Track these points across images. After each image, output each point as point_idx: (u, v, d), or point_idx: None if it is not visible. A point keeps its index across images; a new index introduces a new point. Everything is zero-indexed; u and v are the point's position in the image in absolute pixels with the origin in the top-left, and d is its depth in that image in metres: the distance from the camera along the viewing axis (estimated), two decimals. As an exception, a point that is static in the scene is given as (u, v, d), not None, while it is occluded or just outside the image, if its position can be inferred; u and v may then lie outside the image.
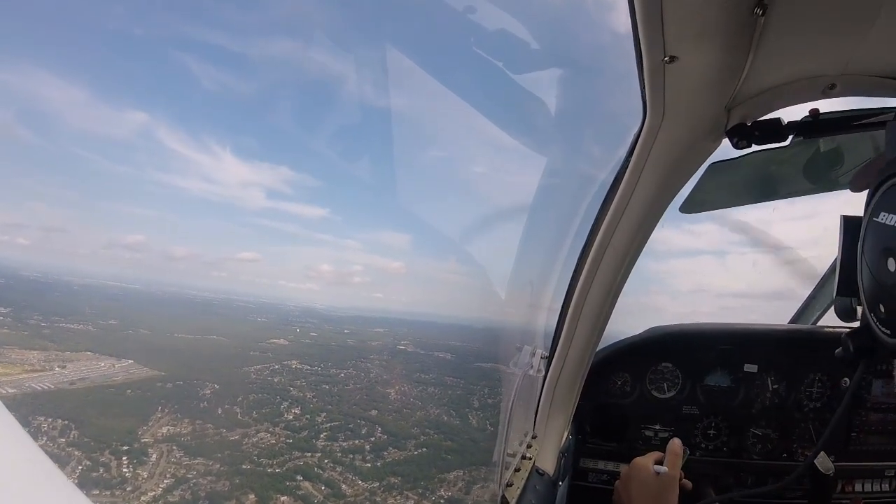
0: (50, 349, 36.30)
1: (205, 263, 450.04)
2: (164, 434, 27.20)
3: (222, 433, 28.09)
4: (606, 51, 1.52)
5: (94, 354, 36.98)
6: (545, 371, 2.12)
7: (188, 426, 28.25)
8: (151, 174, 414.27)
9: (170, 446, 26.12)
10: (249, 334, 50.09)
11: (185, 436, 27.41)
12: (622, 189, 1.55)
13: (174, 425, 28.13)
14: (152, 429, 27.43)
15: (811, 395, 2.38)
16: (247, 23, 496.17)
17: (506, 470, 1.80)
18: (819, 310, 3.07)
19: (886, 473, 2.33)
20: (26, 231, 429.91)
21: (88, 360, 35.81)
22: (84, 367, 34.42)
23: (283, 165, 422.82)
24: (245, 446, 27.14)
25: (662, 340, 2.50)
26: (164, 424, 28.00)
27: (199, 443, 26.88)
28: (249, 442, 27.62)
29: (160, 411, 29.24)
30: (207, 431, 28.09)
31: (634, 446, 2.40)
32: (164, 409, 29.50)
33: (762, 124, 1.25)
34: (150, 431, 27.12)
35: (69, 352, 36.69)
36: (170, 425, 28.05)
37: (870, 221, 0.85)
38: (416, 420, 31.54)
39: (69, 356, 35.84)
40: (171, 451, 25.77)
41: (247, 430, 28.60)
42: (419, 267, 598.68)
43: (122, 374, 34.09)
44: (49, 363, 34.18)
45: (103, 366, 35.33)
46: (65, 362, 34.66)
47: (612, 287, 1.82)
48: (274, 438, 28.18)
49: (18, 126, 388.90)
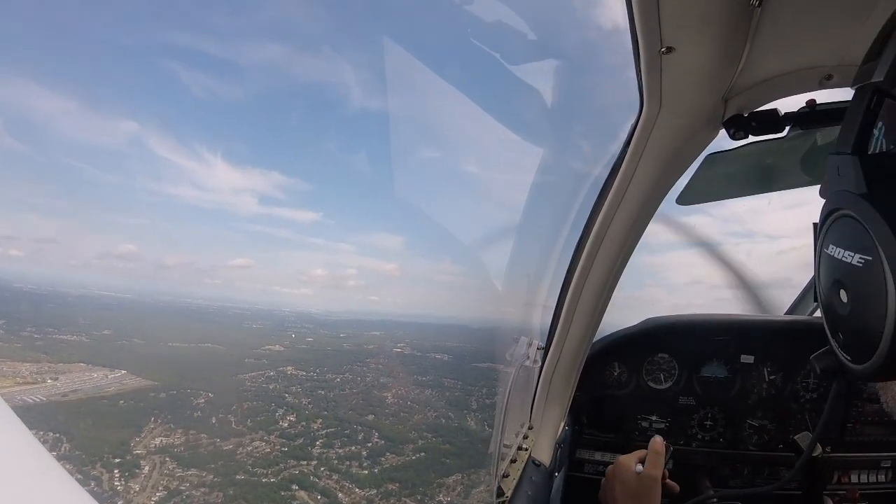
0: (42, 361, 35.87)
1: (198, 271, 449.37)
2: (157, 445, 26.81)
3: (216, 443, 27.73)
4: (603, 42, 1.51)
5: (88, 366, 36.59)
6: (541, 362, 2.12)
7: (181, 436, 27.87)
8: (143, 182, 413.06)
9: (163, 457, 25.75)
10: (244, 341, 49.83)
11: (178, 446, 27.03)
12: (618, 180, 1.54)
13: (167, 436, 27.75)
14: (145, 440, 27.04)
15: (807, 386, 2.38)
16: (235, 28, 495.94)
17: (502, 461, 1.78)
18: (814, 301, 2.96)
19: (883, 464, 2.33)
20: (18, 243, 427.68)
21: (81, 372, 35.38)
22: (77, 379, 34.00)
23: (274, 170, 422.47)
24: (239, 456, 26.76)
25: (658, 331, 2.49)
26: (157, 435, 27.62)
27: (192, 453, 26.50)
28: (244, 451, 27.23)
29: (153, 422, 28.86)
30: (201, 441, 27.71)
31: (631, 437, 2.41)
32: (158, 420, 29.13)
33: (759, 115, 1.24)
34: (142, 443, 26.73)
35: (62, 363, 36.20)
36: (163, 436, 27.67)
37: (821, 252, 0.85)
38: (414, 424, 31.23)
39: (62, 368, 35.36)
40: (163, 463, 25.38)
41: (241, 439, 28.23)
42: (414, 268, 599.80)
43: (115, 385, 33.67)
44: (41, 375, 33.76)
45: (96, 377, 34.94)
46: (57, 374, 34.17)
47: (608, 278, 1.82)
48: (269, 447, 27.83)
49: (7, 136, 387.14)
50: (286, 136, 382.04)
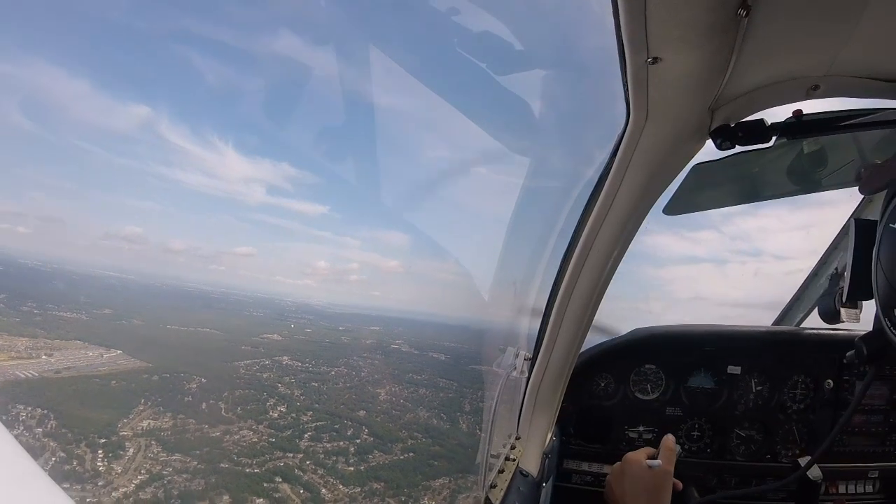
0: (39, 337, 35.83)
1: (203, 257, 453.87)
2: (144, 428, 26.53)
3: (204, 429, 27.44)
4: (590, 52, 1.53)
5: (84, 343, 36.55)
6: (528, 372, 2.13)
7: (170, 421, 27.61)
8: (153, 167, 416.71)
9: (148, 440, 25.42)
10: (244, 328, 49.90)
11: (165, 430, 26.75)
12: (606, 190, 1.53)
13: (155, 419, 27.51)
14: (133, 422, 26.79)
15: (795, 397, 2.39)
16: (251, 18, 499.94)
17: (489, 471, 1.79)
18: (802, 311, 3.09)
19: (870, 475, 2.35)
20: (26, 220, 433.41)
21: (77, 350, 35.38)
22: (72, 356, 33.95)
23: (284, 161, 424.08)
24: (226, 444, 26.42)
25: (646, 342, 2.50)
26: (146, 418, 27.37)
27: (178, 438, 26.17)
28: (231, 439, 26.88)
29: (143, 404, 28.62)
30: (189, 427, 27.43)
31: (618, 448, 2.39)
32: (147, 402, 28.91)
33: (746, 125, 1.24)
34: (129, 425, 26.48)
35: (58, 340, 36.25)
36: (151, 419, 27.42)
37: (886, 228, 0.86)
38: (405, 423, 30.88)
39: (58, 344, 35.40)
40: (148, 446, 25.05)
41: (229, 427, 27.90)
42: (415, 266, 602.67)
43: (108, 365, 33.57)
44: (36, 351, 33.73)
45: (91, 355, 34.90)
46: (52, 350, 34.25)
47: (595, 288, 1.80)
48: (256, 437, 27.47)
49: (19, 116, 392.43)
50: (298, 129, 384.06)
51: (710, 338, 2.46)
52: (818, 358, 2.37)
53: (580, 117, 2.20)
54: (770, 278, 50.33)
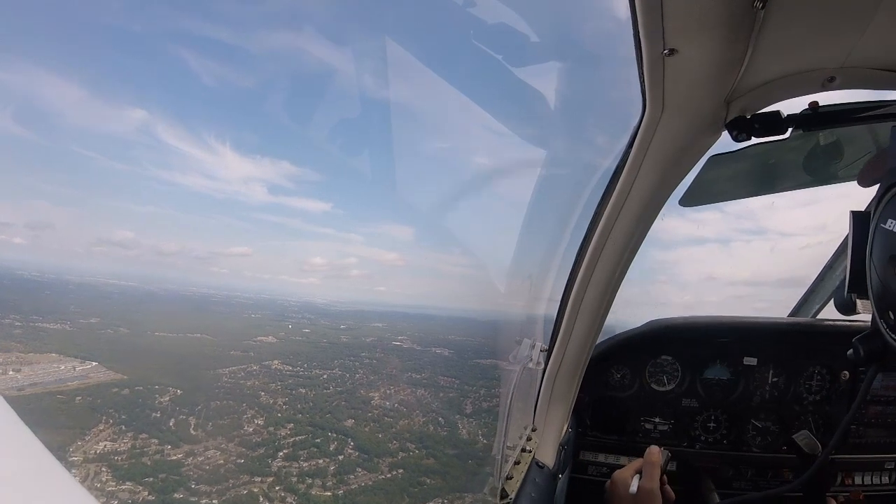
0: (13, 351, 34.11)
1: (205, 260, 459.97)
2: (99, 451, 23.85)
3: (165, 451, 24.62)
4: (606, 44, 1.50)
5: (59, 356, 34.53)
6: (545, 364, 2.10)
7: (129, 442, 24.87)
8: (152, 171, 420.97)
9: (99, 467, 22.67)
10: (238, 332, 48.14)
11: (121, 454, 23.95)
12: (622, 182, 1.52)
13: (113, 440, 24.83)
14: (88, 444, 24.17)
15: (810, 388, 2.41)
16: (245, 16, 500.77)
17: (505, 463, 1.77)
18: (818, 303, 3.00)
19: (886, 466, 2.36)
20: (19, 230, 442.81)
21: (50, 363, 33.29)
22: (42, 371, 31.83)
23: (284, 160, 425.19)
24: (185, 469, 23.52)
25: (662, 333, 2.50)
26: (103, 440, 24.70)
27: (133, 464, 23.33)
28: (193, 462, 24.01)
29: (104, 423, 26.08)
30: (148, 449, 24.64)
31: (634, 439, 2.41)
32: (109, 421, 26.36)
33: (762, 117, 1.25)
34: (83, 448, 23.86)
35: (33, 353, 34.32)
36: (109, 440, 24.75)
37: (877, 227, 0.86)
38: (398, 431, 27.77)
39: (31, 358, 33.43)
40: (98, 474, 22.26)
41: (194, 448, 25.08)
42: (421, 260, 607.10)
43: (79, 379, 31.50)
44: (5, 367, 31.84)
45: (63, 369, 32.84)
46: (22, 365, 32.22)
47: (611, 280, 1.78)
48: (223, 458, 24.54)
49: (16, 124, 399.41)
50: (297, 126, 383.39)
51: (725, 329, 2.47)
52: (834, 349, 2.35)
53: (595, 109, 2.25)
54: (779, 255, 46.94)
